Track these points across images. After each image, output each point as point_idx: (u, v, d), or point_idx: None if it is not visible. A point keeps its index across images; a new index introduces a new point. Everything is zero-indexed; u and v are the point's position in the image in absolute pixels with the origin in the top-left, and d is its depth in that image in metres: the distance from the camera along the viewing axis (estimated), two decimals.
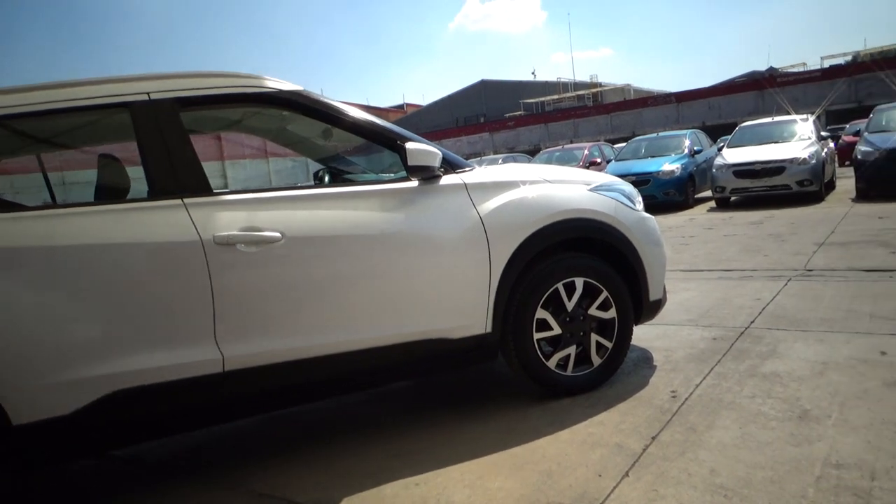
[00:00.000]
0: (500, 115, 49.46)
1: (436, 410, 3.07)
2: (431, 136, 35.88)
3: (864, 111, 25.60)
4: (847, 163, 15.53)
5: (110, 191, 2.80)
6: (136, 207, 2.39)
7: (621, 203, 3.15)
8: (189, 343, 2.33)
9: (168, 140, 2.44)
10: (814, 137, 11.44)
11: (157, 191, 2.40)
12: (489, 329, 2.79)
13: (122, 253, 2.26)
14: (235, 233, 2.37)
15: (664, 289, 3.34)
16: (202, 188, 2.45)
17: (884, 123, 10.75)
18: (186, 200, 2.39)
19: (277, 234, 2.42)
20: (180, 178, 2.42)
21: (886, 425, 2.35)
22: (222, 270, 2.35)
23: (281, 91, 2.66)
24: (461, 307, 2.74)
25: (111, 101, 2.43)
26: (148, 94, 2.46)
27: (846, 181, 12.34)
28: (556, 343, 2.97)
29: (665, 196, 12.02)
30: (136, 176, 2.61)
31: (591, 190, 3.11)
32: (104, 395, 2.21)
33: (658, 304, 3.28)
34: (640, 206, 3.32)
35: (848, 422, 2.42)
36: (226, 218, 2.40)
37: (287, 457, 2.74)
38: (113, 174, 2.81)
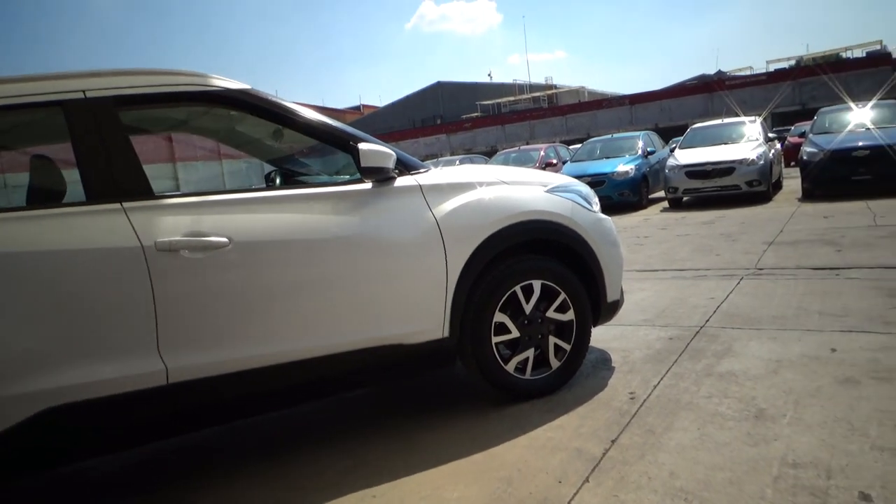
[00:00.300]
0: (456, 117, 49.57)
1: (393, 418, 2.99)
2: (388, 137, 35.73)
3: (807, 113, 26.56)
4: (793, 163, 16.05)
5: (44, 194, 2.64)
6: (71, 212, 2.24)
7: (578, 204, 3.13)
8: (130, 355, 2.21)
9: (106, 141, 2.31)
10: (761, 139, 11.77)
11: (95, 194, 2.27)
12: (447, 333, 2.73)
13: (57, 260, 2.12)
14: (179, 238, 2.26)
15: (621, 290, 3.33)
16: (143, 191, 2.32)
17: (827, 125, 11.14)
18: (126, 204, 2.26)
19: (224, 240, 2.31)
20: (119, 181, 2.29)
21: (839, 423, 2.38)
22: (165, 278, 2.23)
23: (227, 90, 2.55)
24: (418, 312, 2.67)
25: (43, 99, 2.28)
26: (84, 91, 2.32)
27: (792, 181, 12.72)
28: (514, 346, 2.92)
29: (620, 197, 12.19)
30: (74, 179, 2.47)
31: (547, 191, 3.08)
32: (38, 411, 2.07)
33: (616, 306, 3.27)
34: (596, 207, 3.31)
35: (802, 420, 2.44)
36: (169, 223, 2.28)
37: (238, 471, 2.62)
38: (47, 177, 2.64)
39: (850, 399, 2.58)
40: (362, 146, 2.58)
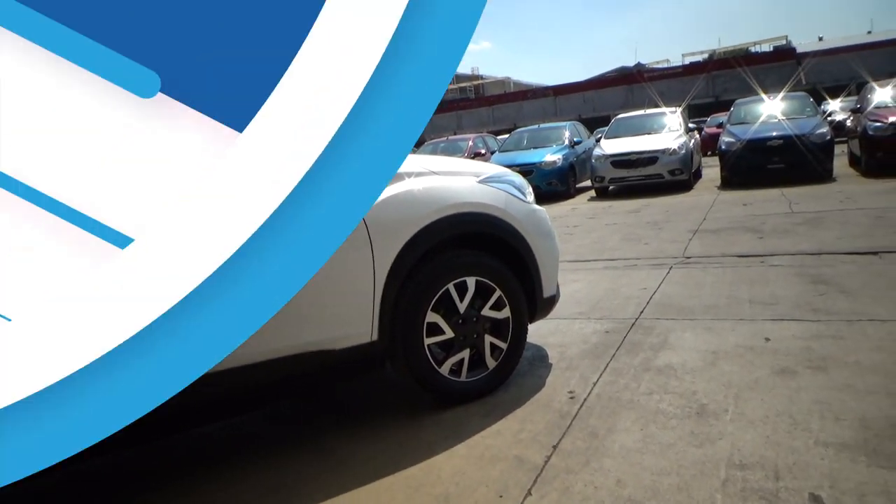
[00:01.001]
0: None
1: (320, 431, 2.76)
2: None
3: (721, 105, 27.63)
4: (710, 153, 16.62)
5: None
6: None
7: (512, 195, 2.98)
8: None
9: None
10: (682, 129, 12.08)
11: None
12: (376, 337, 2.52)
13: None
14: None
15: (557, 284, 3.21)
16: None
17: (743, 116, 11.55)
18: None
19: None
20: None
21: (781, 417, 2.33)
22: None
23: None
24: (344, 315, 2.45)
25: None
26: None
27: (710, 170, 13.14)
28: (448, 347, 2.75)
29: (548, 186, 12.23)
30: None
31: (480, 182, 2.91)
32: None
33: (552, 301, 3.15)
34: (530, 197, 3.17)
35: (745, 415, 2.37)
36: None
37: (146, 497, 2.34)
38: None
39: (789, 391, 2.54)
40: None
